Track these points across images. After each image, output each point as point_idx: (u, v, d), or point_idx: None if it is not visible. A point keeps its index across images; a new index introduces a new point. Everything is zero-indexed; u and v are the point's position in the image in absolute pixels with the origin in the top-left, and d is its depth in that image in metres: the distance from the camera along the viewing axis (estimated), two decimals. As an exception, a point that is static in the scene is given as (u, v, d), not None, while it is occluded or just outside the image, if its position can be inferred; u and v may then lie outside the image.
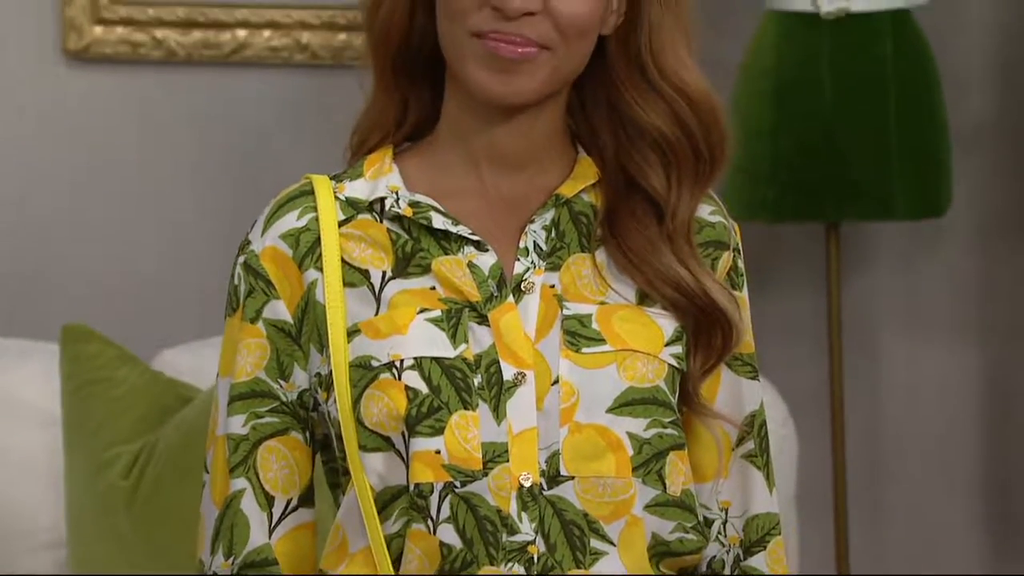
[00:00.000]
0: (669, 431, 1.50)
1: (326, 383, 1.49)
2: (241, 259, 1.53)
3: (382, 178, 1.53)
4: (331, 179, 1.55)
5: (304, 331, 1.51)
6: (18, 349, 3.17)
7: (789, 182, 3.40)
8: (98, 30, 3.64)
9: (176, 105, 3.62)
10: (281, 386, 1.52)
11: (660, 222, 1.51)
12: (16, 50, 3.62)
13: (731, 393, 1.59)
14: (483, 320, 1.47)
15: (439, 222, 1.49)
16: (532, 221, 1.52)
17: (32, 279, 3.54)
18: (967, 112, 3.61)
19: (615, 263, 1.52)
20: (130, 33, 3.66)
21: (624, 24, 1.50)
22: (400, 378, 1.45)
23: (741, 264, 1.62)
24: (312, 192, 1.53)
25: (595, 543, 1.45)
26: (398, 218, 1.50)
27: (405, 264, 1.49)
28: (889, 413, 3.77)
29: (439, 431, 1.44)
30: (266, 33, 3.65)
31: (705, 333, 1.53)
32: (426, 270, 1.49)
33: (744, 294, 1.61)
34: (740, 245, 1.63)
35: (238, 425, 1.51)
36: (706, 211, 1.59)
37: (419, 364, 1.45)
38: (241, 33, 3.65)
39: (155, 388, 3.02)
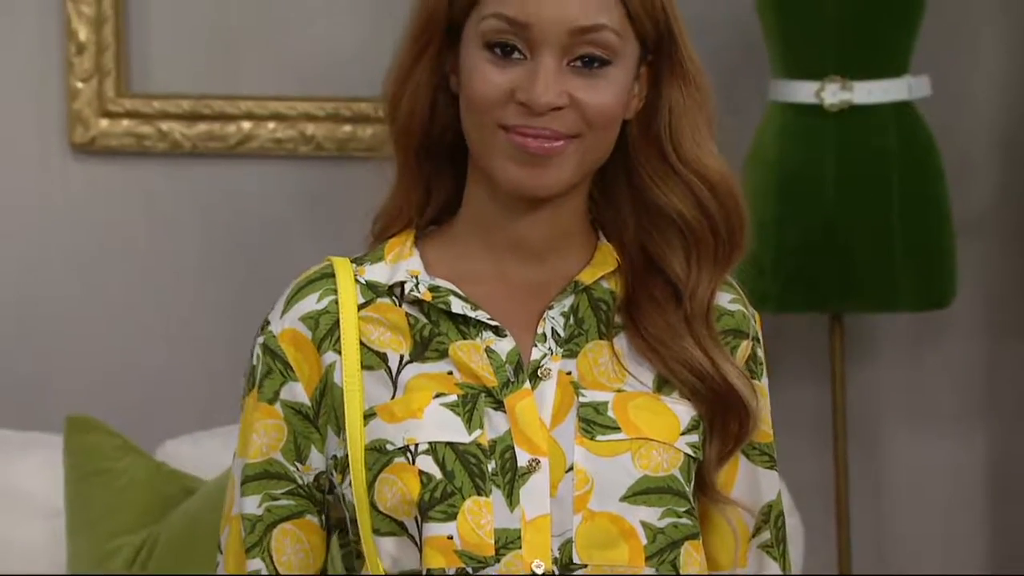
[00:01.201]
0: (684, 520, 1.50)
1: (342, 466, 1.48)
2: (260, 340, 1.53)
3: (403, 262, 1.53)
4: (352, 262, 1.55)
5: (321, 413, 1.50)
6: (21, 440, 3.16)
7: (793, 274, 3.39)
8: (104, 123, 3.67)
9: (181, 197, 3.64)
10: (297, 468, 1.51)
11: (679, 305, 1.52)
12: (22, 143, 3.64)
13: (748, 482, 1.59)
14: (499, 406, 1.47)
15: (458, 307, 1.49)
16: (551, 307, 1.52)
17: (36, 370, 3.54)
18: (971, 200, 3.61)
19: (634, 347, 1.52)
20: (136, 126, 3.68)
21: (645, 108, 1.50)
22: (414, 463, 1.44)
23: (760, 353, 1.62)
24: (333, 275, 1.53)
25: None
26: (417, 302, 1.51)
27: (423, 348, 1.49)
28: (894, 503, 3.75)
29: (452, 516, 1.43)
30: (271, 125, 3.67)
31: (721, 419, 1.53)
32: (443, 355, 1.48)
33: (763, 383, 1.61)
34: (760, 334, 1.63)
35: (253, 506, 1.51)
36: (726, 299, 1.59)
37: (433, 449, 1.45)
38: (246, 125, 3.66)
39: (158, 479, 3.00)
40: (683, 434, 1.51)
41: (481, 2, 1.45)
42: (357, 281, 1.53)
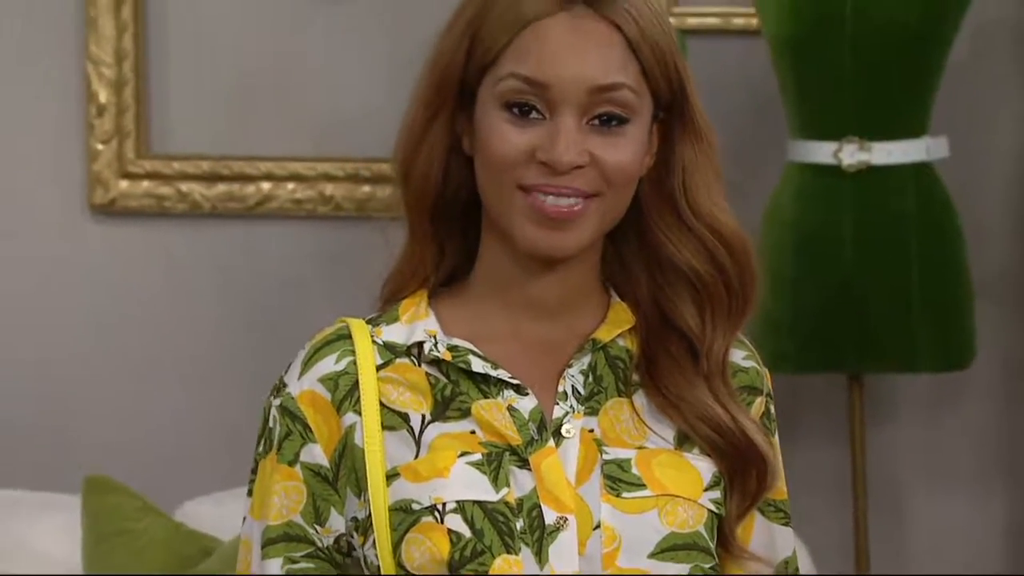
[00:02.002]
0: (710, 577, 1.50)
1: (363, 527, 1.48)
2: (277, 401, 1.52)
3: (419, 322, 1.53)
4: (367, 323, 1.55)
5: (341, 475, 1.50)
6: (40, 501, 3.16)
7: (811, 334, 3.40)
8: (124, 184, 3.69)
9: (201, 257, 3.65)
10: (317, 531, 1.50)
11: (696, 361, 1.52)
12: (43, 204, 3.67)
13: (764, 539, 1.58)
14: (524, 464, 1.47)
15: (478, 366, 1.49)
16: (570, 366, 1.51)
17: (55, 430, 3.55)
18: (990, 262, 3.61)
19: (653, 404, 1.52)
20: (155, 187, 3.70)
21: (657, 164, 1.51)
22: (443, 522, 1.44)
23: (773, 410, 1.62)
24: (349, 335, 1.52)
25: None
26: (436, 362, 1.50)
27: (444, 408, 1.49)
28: (914, 564, 3.74)
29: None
30: (290, 185, 3.69)
31: (740, 474, 1.52)
32: (466, 414, 1.48)
33: (776, 440, 1.61)
34: (771, 391, 1.63)
35: (276, 568, 1.50)
36: (739, 356, 1.59)
37: (462, 508, 1.44)
38: (265, 186, 3.69)
39: (177, 539, 3.00)
40: (706, 490, 1.51)
41: (497, 63, 1.45)
42: (374, 342, 1.52)
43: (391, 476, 1.47)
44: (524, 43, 1.44)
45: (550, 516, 1.45)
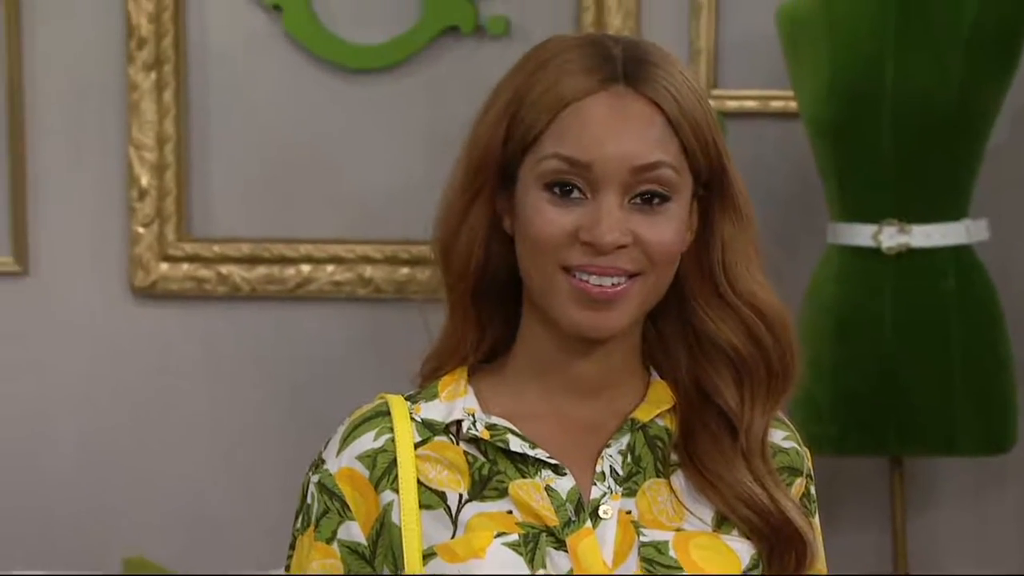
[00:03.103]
0: (747, 660, 1.49)
1: (400, 605, 1.47)
2: (315, 478, 1.52)
3: (458, 400, 1.52)
4: (406, 399, 1.55)
5: (378, 553, 1.49)
6: (78, 583, 3.17)
7: (851, 417, 3.37)
8: (164, 267, 3.71)
9: (241, 339, 3.67)
10: None
11: (735, 440, 1.51)
12: (84, 286, 3.69)
13: (804, 621, 1.57)
14: (561, 545, 1.46)
15: (516, 445, 1.48)
16: (608, 446, 1.51)
17: (94, 510, 3.55)
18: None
19: (692, 483, 1.51)
20: (196, 269, 3.72)
21: (696, 241, 1.51)
22: None
23: (813, 490, 1.61)
24: (388, 413, 1.52)
25: None
26: (475, 440, 1.50)
27: (482, 487, 1.48)
28: (957, 651, 3.70)
29: None
30: (330, 268, 3.70)
31: (779, 555, 1.51)
32: (503, 493, 1.47)
33: (816, 521, 1.60)
34: (812, 471, 1.62)
35: None
36: (779, 436, 1.58)
37: None
38: (305, 268, 3.70)
39: (214, 619, 3.00)
40: (744, 573, 1.50)
41: (538, 143, 1.45)
42: (413, 419, 1.52)
43: (427, 555, 1.46)
44: (565, 123, 1.44)
45: (587, 599, 1.44)
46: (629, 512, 1.49)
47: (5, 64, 3.70)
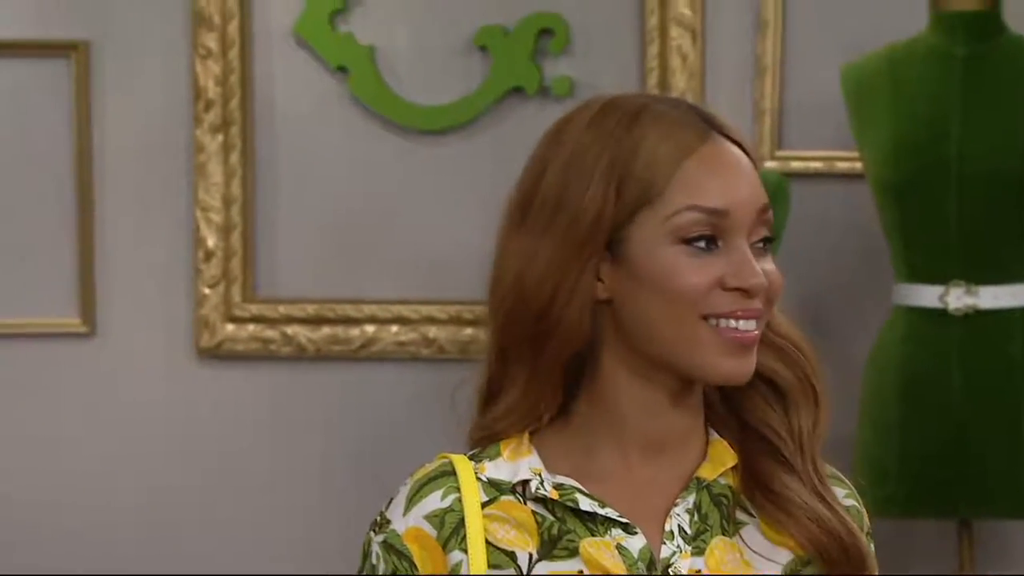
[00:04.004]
0: None
1: (470, 668, 1.47)
2: (380, 538, 1.51)
3: (522, 459, 1.52)
4: (468, 459, 1.54)
5: None
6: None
7: (919, 479, 3.35)
8: (230, 328, 3.73)
9: (305, 400, 3.68)
10: None
11: (792, 468, 1.50)
12: (150, 347, 3.71)
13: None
14: (634, 604, 1.45)
15: (586, 504, 1.47)
16: (676, 504, 1.50)
17: (160, 569, 3.56)
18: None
19: (760, 534, 1.51)
20: (261, 330, 3.74)
21: None
22: None
23: (873, 549, 1.60)
24: (453, 472, 1.51)
25: None
26: (542, 500, 1.49)
27: (552, 546, 1.47)
28: None
29: None
30: (394, 328, 3.71)
31: None
32: (573, 553, 1.47)
33: None
34: (871, 531, 1.61)
35: None
36: (840, 494, 1.57)
37: None
38: (369, 328, 3.71)
39: None
40: None
41: (660, 201, 1.44)
42: (478, 479, 1.52)
43: (499, 614, 1.46)
44: (688, 176, 1.43)
45: (661, 658, 1.44)
46: (699, 570, 1.49)
47: (74, 126, 3.74)
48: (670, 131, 1.44)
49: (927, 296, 3.31)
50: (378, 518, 1.52)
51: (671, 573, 1.46)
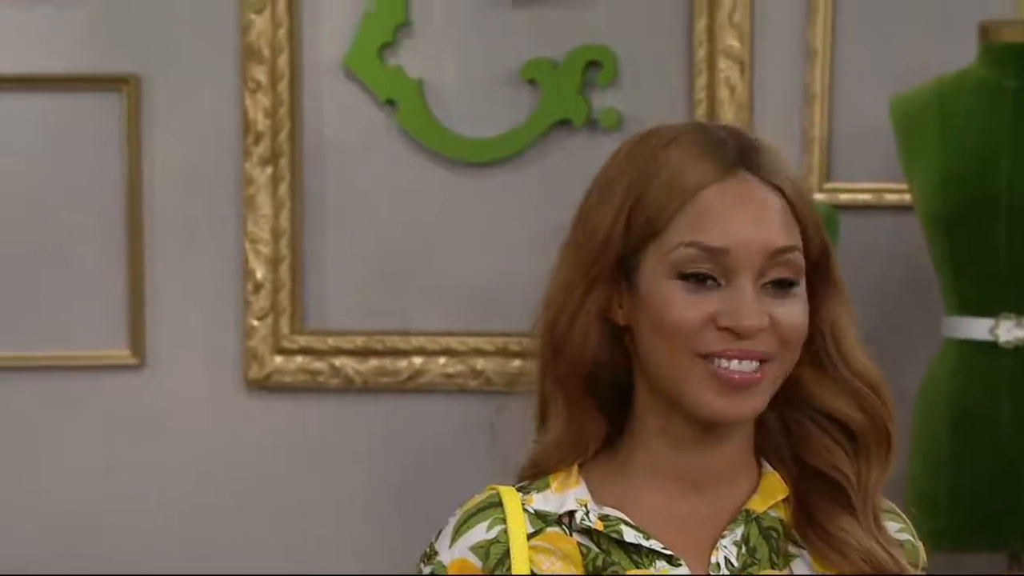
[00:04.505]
0: None
1: None
2: (427, 569, 1.52)
3: (570, 490, 1.52)
4: (516, 490, 1.54)
5: None
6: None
7: (969, 513, 3.32)
8: (278, 359, 3.74)
9: (353, 431, 3.69)
10: None
11: (851, 509, 1.50)
12: (199, 379, 3.73)
13: None
14: (677, 635, 1.45)
15: (630, 536, 1.47)
16: (723, 536, 1.50)
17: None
18: None
19: (812, 567, 1.50)
20: (309, 362, 3.75)
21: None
22: None
23: None
24: (500, 503, 1.52)
25: None
26: (588, 531, 1.49)
27: (596, 577, 1.47)
28: None
29: None
30: (441, 360, 3.72)
31: None
32: (618, 584, 1.47)
33: None
34: (927, 565, 1.60)
35: None
36: (894, 528, 1.56)
37: None
38: (417, 360, 3.72)
39: None
40: None
41: (666, 233, 1.44)
42: (525, 510, 1.52)
43: (543, 645, 1.46)
44: (695, 211, 1.43)
45: None
46: (744, 603, 1.48)
47: (125, 159, 3.77)
48: (686, 167, 1.44)
49: (977, 329, 3.29)
50: (428, 549, 1.53)
51: None
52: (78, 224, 3.76)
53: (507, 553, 1.48)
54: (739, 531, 1.50)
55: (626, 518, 1.48)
